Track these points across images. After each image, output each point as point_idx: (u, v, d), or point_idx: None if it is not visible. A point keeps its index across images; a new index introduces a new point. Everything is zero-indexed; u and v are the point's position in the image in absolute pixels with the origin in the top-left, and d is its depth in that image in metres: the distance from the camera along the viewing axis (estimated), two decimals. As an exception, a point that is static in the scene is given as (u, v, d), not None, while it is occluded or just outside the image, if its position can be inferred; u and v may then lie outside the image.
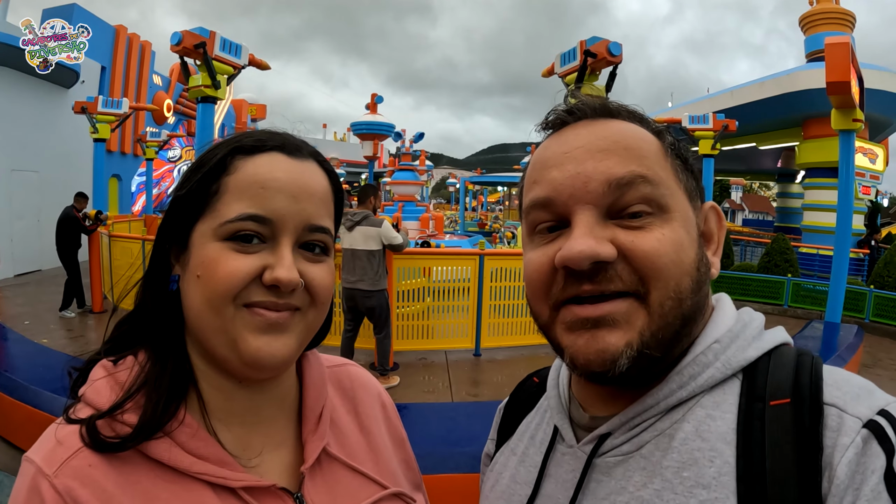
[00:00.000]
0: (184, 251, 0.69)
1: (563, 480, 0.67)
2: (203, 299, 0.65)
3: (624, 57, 5.95)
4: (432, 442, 3.38)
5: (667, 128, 0.68)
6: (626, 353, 0.58)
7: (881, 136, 18.34)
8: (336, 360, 0.92)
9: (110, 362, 0.70)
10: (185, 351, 0.70)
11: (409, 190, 17.23)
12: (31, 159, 13.78)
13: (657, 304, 0.58)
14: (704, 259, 0.63)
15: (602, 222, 0.60)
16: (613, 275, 0.58)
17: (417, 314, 7.16)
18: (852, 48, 6.57)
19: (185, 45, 6.08)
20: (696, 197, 0.66)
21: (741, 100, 16.71)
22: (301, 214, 0.68)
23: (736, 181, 48.61)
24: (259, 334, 0.65)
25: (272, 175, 0.67)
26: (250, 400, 0.72)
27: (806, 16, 16.15)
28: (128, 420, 0.63)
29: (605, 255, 0.58)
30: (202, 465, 0.64)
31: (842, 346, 6.71)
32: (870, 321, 10.17)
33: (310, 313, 0.70)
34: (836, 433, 0.51)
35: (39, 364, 5.37)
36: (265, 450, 0.72)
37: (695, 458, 0.56)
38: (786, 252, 12.36)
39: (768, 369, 0.59)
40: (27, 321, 8.31)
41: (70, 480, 0.59)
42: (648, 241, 0.58)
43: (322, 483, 0.74)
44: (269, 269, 0.65)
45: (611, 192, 0.60)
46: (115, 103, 10.36)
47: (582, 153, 0.62)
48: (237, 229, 0.65)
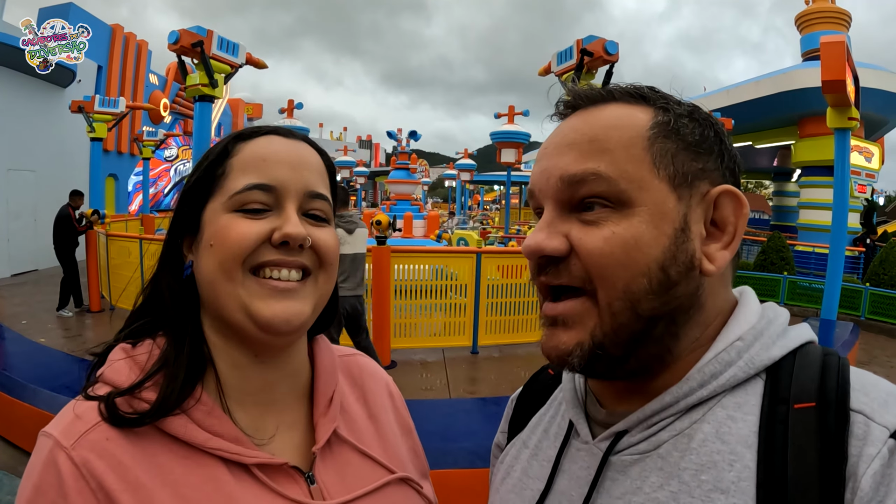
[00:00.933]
0: (195, 236, 0.73)
1: (578, 477, 0.65)
2: (216, 265, 0.68)
3: (620, 55, 5.97)
4: (429, 438, 3.38)
5: (679, 102, 0.63)
6: (576, 351, 0.59)
7: (877, 134, 18.39)
8: (345, 351, 0.95)
9: (129, 345, 0.72)
10: (201, 332, 0.73)
11: (405, 189, 17.25)
12: (27, 159, 13.74)
13: (605, 304, 0.57)
14: (684, 255, 0.58)
15: (563, 216, 0.61)
16: (563, 269, 0.60)
17: (415, 312, 7.17)
18: (848, 47, 6.60)
19: (183, 44, 6.08)
20: (692, 183, 0.60)
21: (737, 98, 16.74)
22: (301, 181, 0.73)
23: (732, 180, 48.63)
24: (271, 301, 0.68)
25: (271, 149, 0.73)
26: (264, 377, 0.74)
27: (802, 15, 16.19)
28: (146, 397, 0.65)
29: (549, 250, 0.59)
30: (217, 441, 0.66)
31: (837, 343, 6.73)
32: (865, 318, 10.22)
33: (320, 277, 0.74)
34: (863, 442, 0.49)
35: (37, 363, 5.37)
36: (278, 430, 0.75)
37: (714, 461, 0.54)
38: (782, 250, 12.41)
39: (793, 369, 0.57)
40: (24, 321, 8.29)
41: (87, 453, 0.60)
42: (593, 240, 0.57)
43: (332, 464, 0.76)
44: (277, 230, 0.69)
45: (564, 188, 0.60)
46: (112, 102, 10.36)
47: (552, 149, 0.63)
48: (245, 200, 0.69)
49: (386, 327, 6.54)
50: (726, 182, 0.62)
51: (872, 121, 16.17)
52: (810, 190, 16.16)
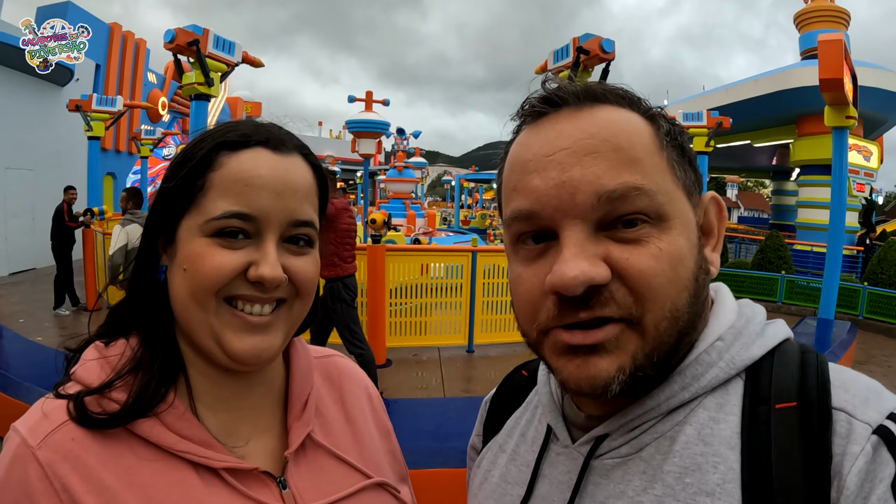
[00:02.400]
0: (171, 243, 0.70)
1: (559, 482, 0.64)
2: (188, 292, 0.66)
3: (619, 52, 5.98)
4: (422, 437, 3.40)
5: (660, 111, 0.61)
6: (618, 377, 0.54)
7: (876, 133, 18.39)
8: (324, 352, 0.94)
9: (102, 344, 0.71)
10: (174, 337, 0.72)
11: (403, 188, 17.25)
12: (25, 157, 13.73)
13: (652, 326, 0.53)
14: (703, 264, 0.58)
15: (593, 237, 0.54)
16: (608, 297, 0.53)
17: (411, 311, 7.17)
18: (846, 46, 6.60)
19: (179, 43, 6.07)
20: (694, 191, 0.60)
21: (736, 97, 16.74)
22: (285, 211, 0.68)
23: (731, 179, 48.67)
24: (243, 335, 0.66)
25: (256, 172, 0.67)
26: (237, 387, 0.74)
27: (801, 13, 16.20)
28: (116, 398, 0.64)
29: (599, 279, 0.52)
30: (185, 444, 0.66)
31: (835, 342, 6.74)
32: (863, 318, 10.23)
33: (295, 305, 0.71)
34: (846, 440, 0.48)
35: (34, 362, 5.36)
36: (252, 436, 0.74)
37: (698, 464, 0.53)
38: (780, 249, 12.43)
39: (772, 368, 0.56)
40: (22, 319, 8.29)
41: (52, 454, 0.60)
42: (644, 259, 0.53)
43: (306, 469, 0.75)
44: (253, 265, 0.66)
45: (601, 205, 0.53)
46: (110, 101, 10.35)
47: (566, 156, 0.55)
48: (222, 227, 0.66)
49: (381, 326, 6.54)
50: (701, 192, 0.63)
51: (871, 119, 16.17)
52: (809, 189, 16.16)
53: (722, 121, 9.88)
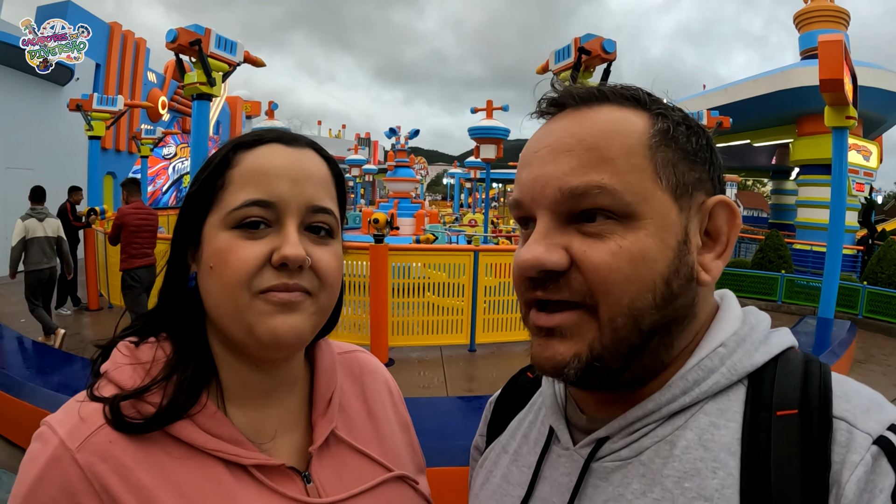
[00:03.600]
0: (198, 248, 0.72)
1: (559, 484, 0.65)
2: (218, 288, 0.68)
3: (618, 50, 5.99)
4: (427, 435, 3.39)
5: (673, 108, 0.62)
6: (574, 363, 0.57)
7: (875, 133, 18.40)
8: (346, 347, 0.96)
9: (132, 343, 0.73)
10: (205, 340, 0.74)
11: (403, 187, 17.25)
12: (25, 157, 13.70)
13: (607, 318, 0.55)
14: (686, 268, 0.58)
15: (560, 227, 0.58)
16: (563, 284, 0.56)
17: (413, 310, 7.18)
18: (846, 46, 6.62)
19: (181, 43, 6.08)
20: (691, 193, 0.59)
21: (735, 97, 16.74)
22: (303, 196, 0.70)
23: (730, 178, 48.68)
24: (275, 315, 0.68)
25: (272, 162, 0.70)
26: (264, 384, 0.76)
27: (800, 13, 16.19)
28: (152, 401, 0.66)
29: (550, 265, 0.56)
30: (217, 442, 0.68)
31: (834, 341, 6.76)
32: (863, 317, 10.25)
33: (321, 296, 0.72)
34: (846, 449, 0.49)
35: (36, 361, 5.38)
36: (279, 433, 0.76)
37: (697, 469, 0.54)
38: (779, 248, 12.45)
39: (775, 376, 0.57)
40: (23, 319, 8.27)
41: (91, 456, 0.62)
42: (600, 254, 0.55)
43: (329, 464, 0.78)
44: (276, 250, 0.67)
45: (565, 200, 0.57)
46: (110, 101, 10.36)
47: (546, 153, 0.59)
48: (243, 216, 0.68)
49: (383, 325, 6.55)
50: (716, 191, 0.62)
51: (871, 119, 16.19)
52: (808, 188, 16.17)
53: (722, 120, 9.90)
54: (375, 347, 6.49)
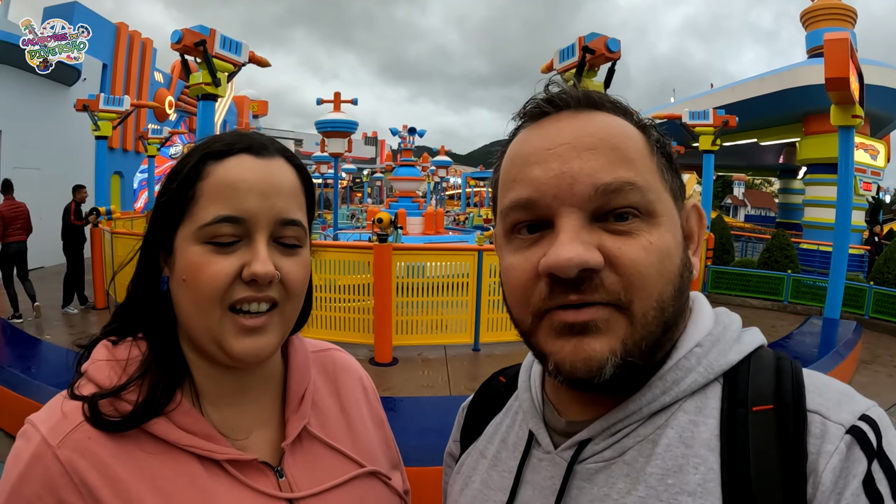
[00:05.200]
0: (170, 255, 0.75)
1: (542, 487, 0.66)
2: (191, 302, 0.71)
3: (624, 46, 5.99)
4: (429, 434, 3.42)
5: (651, 122, 0.65)
6: (611, 360, 0.56)
7: (883, 132, 18.27)
8: (321, 346, 0.99)
9: (111, 342, 0.76)
10: (177, 341, 0.77)
11: (409, 186, 17.27)
12: (33, 157, 13.80)
13: (640, 314, 0.56)
14: (688, 263, 0.62)
15: (588, 226, 0.57)
16: (598, 283, 0.56)
17: (417, 309, 7.18)
18: (852, 44, 6.58)
19: (186, 43, 6.12)
20: (679, 197, 0.64)
21: (742, 95, 16.65)
22: (272, 210, 0.72)
23: (738, 177, 48.46)
24: (242, 337, 0.71)
25: (241, 176, 0.72)
26: (238, 384, 0.79)
27: (807, 11, 16.09)
28: (128, 398, 0.70)
29: (593, 263, 0.55)
30: (191, 438, 0.71)
31: (840, 341, 6.72)
32: (869, 317, 10.17)
33: (286, 307, 0.75)
34: (820, 440, 0.51)
35: (42, 360, 5.43)
36: (253, 429, 0.79)
37: (679, 465, 0.56)
38: (786, 248, 12.37)
39: (749, 373, 0.59)
40: (30, 317, 8.35)
41: (71, 452, 0.66)
42: (635, 250, 0.56)
43: (301, 459, 0.81)
44: (246, 265, 0.70)
45: (597, 197, 0.57)
46: (117, 101, 10.43)
47: (567, 150, 0.59)
48: (214, 233, 0.70)
49: (388, 324, 6.57)
50: (682, 195, 0.66)
51: (878, 118, 16.07)
52: (815, 187, 16.08)
53: (728, 119, 9.88)
54: (379, 346, 6.52)
